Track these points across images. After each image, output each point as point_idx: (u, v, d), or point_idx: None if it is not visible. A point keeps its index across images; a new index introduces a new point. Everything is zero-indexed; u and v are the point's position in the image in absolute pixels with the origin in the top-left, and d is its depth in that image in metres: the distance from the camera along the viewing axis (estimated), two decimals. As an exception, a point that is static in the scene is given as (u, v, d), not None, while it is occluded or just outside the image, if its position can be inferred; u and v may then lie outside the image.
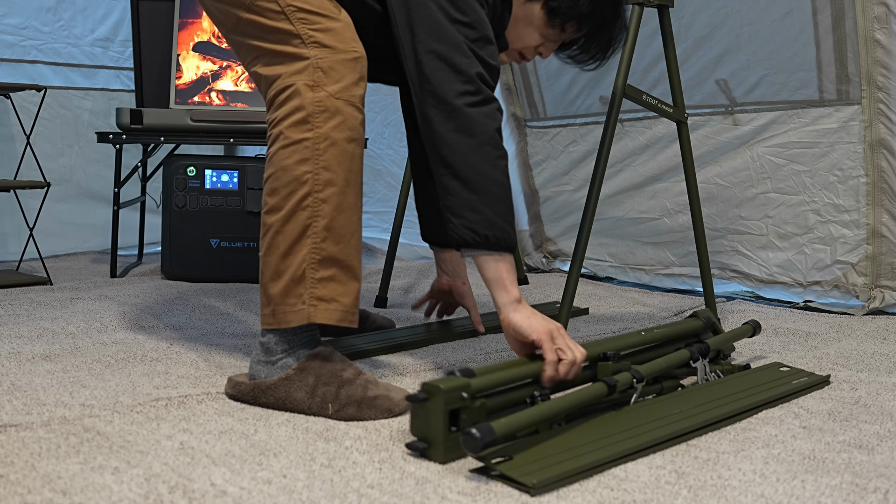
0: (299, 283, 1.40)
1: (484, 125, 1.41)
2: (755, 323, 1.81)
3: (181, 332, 1.98)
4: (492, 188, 1.40)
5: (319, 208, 1.40)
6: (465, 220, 1.41)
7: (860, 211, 2.36)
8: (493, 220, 1.40)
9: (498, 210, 1.41)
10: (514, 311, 1.41)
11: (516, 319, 1.40)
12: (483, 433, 1.12)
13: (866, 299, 2.36)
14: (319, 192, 1.40)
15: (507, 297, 1.42)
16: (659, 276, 2.84)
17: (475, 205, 1.40)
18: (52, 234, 3.18)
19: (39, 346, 1.79)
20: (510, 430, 1.18)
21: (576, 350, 1.38)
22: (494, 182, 1.41)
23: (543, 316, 1.42)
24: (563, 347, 1.38)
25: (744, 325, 1.79)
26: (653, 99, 2.01)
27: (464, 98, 1.41)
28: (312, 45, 1.42)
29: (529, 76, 3.11)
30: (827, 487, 1.12)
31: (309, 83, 1.41)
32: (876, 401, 1.54)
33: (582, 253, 1.88)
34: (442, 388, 1.19)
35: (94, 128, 3.32)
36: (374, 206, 3.69)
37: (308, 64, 1.42)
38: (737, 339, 1.74)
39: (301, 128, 1.41)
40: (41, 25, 3.20)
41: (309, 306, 1.40)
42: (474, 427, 1.13)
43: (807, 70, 2.39)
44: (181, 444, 1.22)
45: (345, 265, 1.42)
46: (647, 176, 2.82)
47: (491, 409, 1.29)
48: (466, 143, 1.40)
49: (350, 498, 1.05)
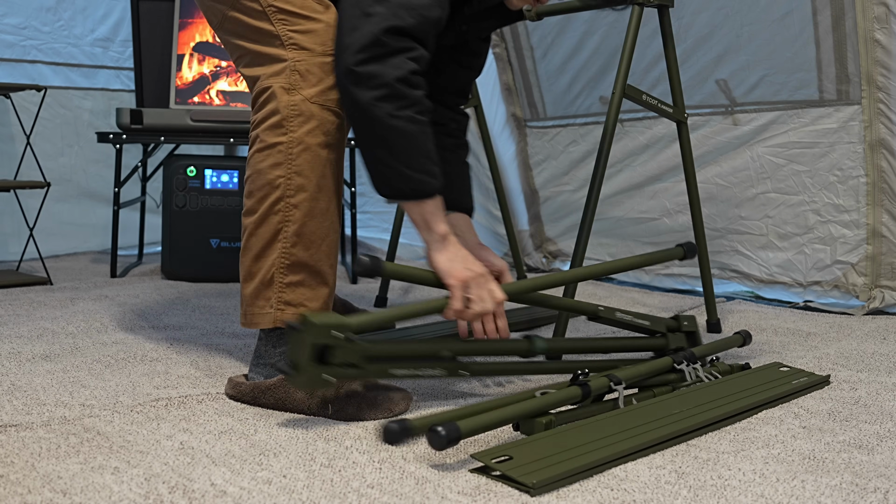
0: (268, 286, 1.42)
1: (381, 77, 1.33)
2: (746, 333, 1.81)
3: (181, 332, 1.98)
4: (396, 140, 1.35)
5: (290, 213, 1.41)
6: (378, 174, 1.38)
7: (860, 211, 2.36)
8: (402, 173, 1.36)
9: (406, 161, 1.36)
10: (437, 250, 1.40)
11: (437, 260, 1.39)
12: (448, 430, 1.16)
13: (866, 299, 2.36)
14: (291, 198, 1.41)
15: (430, 236, 1.40)
16: (659, 276, 2.84)
17: (384, 159, 1.36)
18: (52, 234, 3.18)
19: (39, 346, 1.79)
20: (477, 428, 1.21)
21: (489, 302, 1.39)
22: (399, 134, 1.35)
23: (472, 260, 1.41)
24: (475, 298, 1.38)
25: (735, 334, 1.80)
26: (653, 99, 2.01)
27: (359, 55, 1.35)
28: (291, 47, 1.42)
29: (529, 76, 3.11)
30: (827, 487, 1.12)
31: (285, 86, 1.40)
32: (876, 401, 1.54)
33: (582, 253, 1.88)
34: (313, 323, 1.22)
35: (94, 128, 3.32)
36: (375, 207, 3.69)
37: (285, 66, 1.41)
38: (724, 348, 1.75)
39: (276, 132, 1.41)
40: (41, 25, 3.19)
41: (276, 310, 1.42)
42: (440, 425, 1.16)
43: (807, 70, 2.39)
44: (181, 444, 1.22)
45: (314, 270, 1.43)
46: (647, 176, 2.82)
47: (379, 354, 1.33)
48: (363, 97, 1.34)
49: (350, 498, 1.05)
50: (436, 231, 1.40)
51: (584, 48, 2.89)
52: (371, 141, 1.37)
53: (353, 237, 3.03)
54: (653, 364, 1.55)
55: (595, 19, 2.82)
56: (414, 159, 1.36)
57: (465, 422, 1.20)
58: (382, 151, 1.36)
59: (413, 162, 1.36)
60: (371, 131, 1.36)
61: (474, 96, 2.80)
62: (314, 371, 1.26)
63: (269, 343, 1.44)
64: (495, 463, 1.14)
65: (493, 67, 3.18)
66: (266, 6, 1.43)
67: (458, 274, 1.37)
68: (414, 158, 1.36)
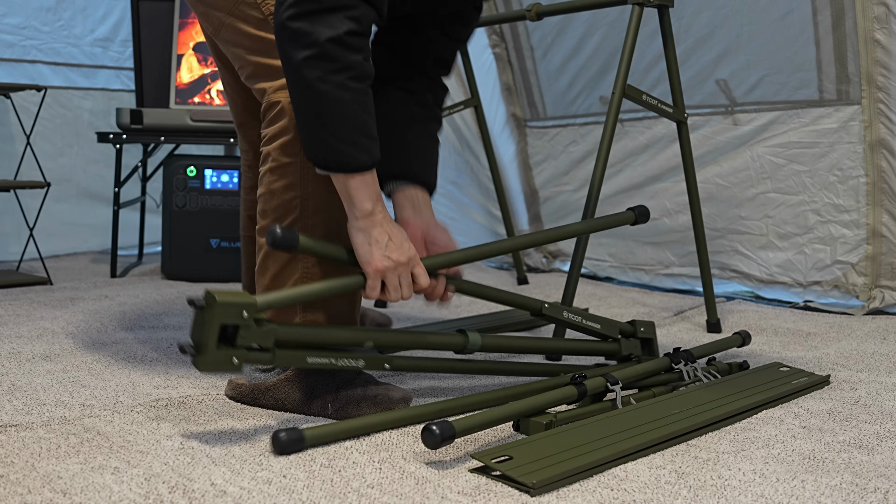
0: (291, 312, 1.40)
1: (312, 35, 1.23)
2: (745, 333, 1.81)
3: (181, 332, 1.98)
4: (325, 107, 1.25)
5: (310, 234, 1.37)
6: (305, 140, 1.30)
7: (860, 211, 2.36)
8: (327, 143, 1.27)
9: (333, 130, 1.26)
10: (356, 229, 1.30)
11: (355, 242, 1.31)
12: (442, 430, 1.16)
13: (866, 299, 2.36)
14: (309, 218, 1.38)
15: (351, 213, 1.30)
16: (659, 276, 2.84)
17: (311, 125, 1.27)
18: (52, 234, 3.18)
19: (39, 346, 1.79)
20: (472, 426, 1.21)
21: (406, 291, 1.32)
22: (328, 100, 1.25)
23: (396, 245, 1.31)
24: (391, 288, 1.32)
25: (734, 334, 1.80)
26: (653, 99, 2.01)
27: (292, 9, 1.25)
28: None
29: (529, 76, 3.11)
30: (827, 487, 1.12)
31: None
32: (876, 401, 1.54)
33: (582, 253, 1.88)
34: (217, 301, 1.16)
35: (94, 128, 3.33)
36: (374, 206, 3.69)
37: None
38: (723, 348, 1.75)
39: (288, 150, 1.37)
40: (41, 25, 3.19)
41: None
42: (434, 423, 1.16)
43: (807, 70, 2.39)
44: (181, 444, 1.22)
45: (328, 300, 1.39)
46: (647, 176, 2.82)
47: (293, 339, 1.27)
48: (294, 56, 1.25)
49: (350, 498, 1.05)
50: (358, 208, 1.29)
51: (584, 48, 2.89)
52: (300, 104, 1.27)
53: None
54: (651, 364, 1.55)
55: (595, 19, 2.82)
56: (341, 129, 1.26)
57: (459, 420, 1.20)
58: (310, 117, 1.27)
59: (340, 132, 1.26)
60: (300, 94, 1.26)
61: (474, 96, 2.80)
62: (221, 353, 1.18)
63: None
64: (495, 463, 1.14)
65: (493, 67, 3.18)
66: (268, 14, 1.38)
67: (376, 263, 1.29)
68: (341, 128, 1.26)
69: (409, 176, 1.50)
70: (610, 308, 2.45)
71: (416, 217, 1.48)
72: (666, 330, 2.17)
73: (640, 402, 1.44)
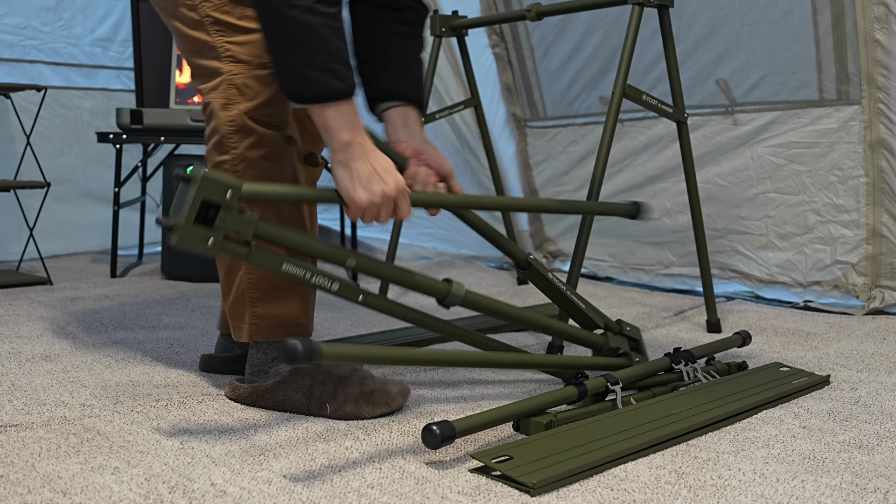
0: (241, 302, 1.42)
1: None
2: (745, 334, 1.81)
3: (181, 332, 1.98)
4: (294, 34, 1.22)
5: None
6: (278, 73, 1.27)
7: (860, 211, 2.36)
8: (300, 71, 1.23)
9: (305, 57, 1.23)
10: (337, 162, 1.27)
11: (337, 176, 1.27)
12: (442, 429, 1.16)
13: (866, 299, 2.36)
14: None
15: (331, 144, 1.27)
16: (659, 276, 2.84)
17: (283, 56, 1.24)
18: (52, 234, 3.18)
19: (39, 346, 1.79)
20: (472, 426, 1.21)
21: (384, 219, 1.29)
22: (296, 26, 1.22)
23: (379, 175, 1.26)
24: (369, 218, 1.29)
25: (734, 334, 1.80)
26: (653, 99, 2.01)
27: None
28: (227, 60, 1.37)
29: (529, 76, 3.11)
30: (827, 487, 1.12)
31: (223, 101, 1.36)
32: (876, 401, 1.54)
33: (582, 253, 1.88)
34: (203, 175, 1.14)
35: (94, 128, 3.33)
36: (374, 206, 3.69)
37: (222, 80, 1.36)
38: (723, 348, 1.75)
39: (219, 150, 1.38)
40: (41, 25, 3.19)
41: (250, 325, 1.42)
42: (434, 424, 1.16)
43: (807, 70, 2.39)
44: (181, 444, 1.22)
45: (283, 280, 1.40)
46: (647, 176, 2.82)
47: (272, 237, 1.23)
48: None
49: (350, 498, 1.05)
50: (335, 139, 1.26)
51: (584, 48, 2.89)
52: (270, 34, 1.25)
53: (353, 237, 3.04)
54: (651, 364, 1.55)
55: (595, 19, 2.82)
56: (313, 56, 1.22)
57: (459, 421, 1.20)
58: (281, 47, 1.23)
59: (312, 59, 1.22)
60: (269, 23, 1.24)
61: (474, 96, 2.80)
62: (198, 231, 1.15)
63: (260, 351, 1.44)
64: (495, 463, 1.14)
65: (493, 67, 3.18)
66: (203, 16, 1.38)
67: (358, 198, 1.25)
68: (313, 55, 1.22)
69: (396, 94, 1.47)
70: (610, 308, 2.45)
71: (407, 135, 1.45)
72: (666, 330, 2.17)
73: (640, 402, 1.44)
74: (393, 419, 1.37)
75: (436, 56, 2.66)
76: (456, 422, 1.19)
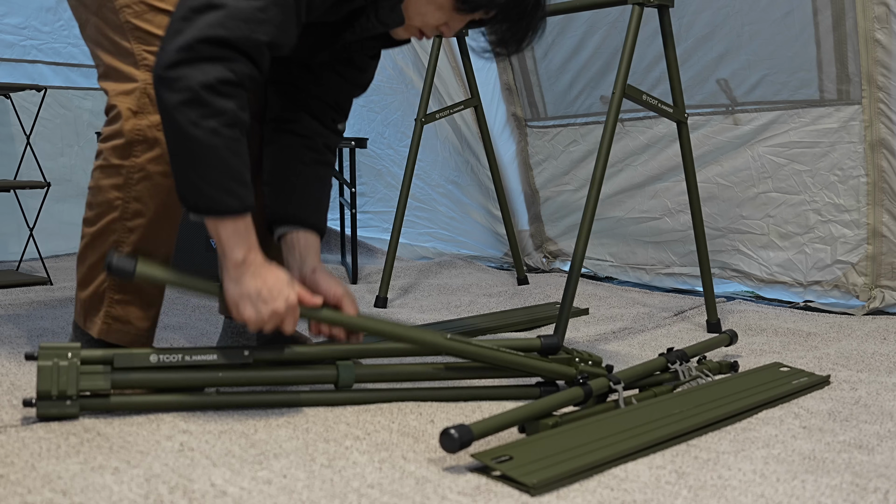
0: (100, 299, 1.44)
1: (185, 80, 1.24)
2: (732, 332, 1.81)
3: (181, 332, 1.98)
4: (196, 152, 1.26)
5: (125, 236, 1.41)
6: (178, 184, 1.30)
7: (860, 211, 2.36)
8: (198, 187, 1.27)
9: (204, 175, 1.27)
10: (229, 278, 1.33)
11: (227, 290, 1.34)
12: (461, 433, 1.15)
13: (866, 299, 2.36)
14: (128, 221, 1.40)
15: (223, 261, 1.33)
16: (659, 276, 2.84)
17: (184, 170, 1.28)
18: (52, 234, 3.18)
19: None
20: (488, 430, 1.21)
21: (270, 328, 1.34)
22: (199, 145, 1.25)
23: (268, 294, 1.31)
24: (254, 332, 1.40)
25: (722, 333, 1.80)
26: (653, 99, 2.01)
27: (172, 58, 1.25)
28: (144, 68, 1.38)
29: (530, 76, 3.11)
30: (827, 487, 1.12)
31: (134, 108, 1.37)
32: (876, 401, 1.54)
33: (582, 253, 1.88)
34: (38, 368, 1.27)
35: (94, 128, 3.33)
36: (375, 206, 3.69)
37: (136, 87, 1.38)
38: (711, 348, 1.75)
39: (119, 154, 1.39)
40: (41, 25, 3.20)
41: (104, 323, 1.44)
42: (453, 428, 1.16)
43: (807, 70, 2.39)
44: (181, 445, 1.22)
45: (144, 292, 1.45)
46: (647, 176, 2.82)
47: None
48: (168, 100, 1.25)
49: (350, 498, 1.05)
50: (229, 257, 1.31)
51: (585, 48, 2.89)
52: (173, 147, 1.29)
53: (353, 237, 3.03)
54: (649, 364, 1.55)
55: (595, 19, 2.82)
56: (211, 175, 1.27)
57: (476, 424, 1.20)
58: (183, 161, 1.28)
59: (211, 177, 1.27)
60: (173, 138, 1.28)
61: (474, 96, 2.80)
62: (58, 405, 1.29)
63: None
64: (495, 463, 1.14)
65: (494, 67, 3.17)
66: (124, 21, 1.39)
67: (245, 315, 1.32)
68: (211, 174, 1.27)
69: (294, 220, 1.53)
70: (610, 308, 2.45)
71: (296, 263, 1.51)
72: (666, 330, 2.17)
73: (641, 402, 1.44)
74: (393, 419, 1.37)
75: (436, 56, 2.66)
76: (473, 425, 1.19)
